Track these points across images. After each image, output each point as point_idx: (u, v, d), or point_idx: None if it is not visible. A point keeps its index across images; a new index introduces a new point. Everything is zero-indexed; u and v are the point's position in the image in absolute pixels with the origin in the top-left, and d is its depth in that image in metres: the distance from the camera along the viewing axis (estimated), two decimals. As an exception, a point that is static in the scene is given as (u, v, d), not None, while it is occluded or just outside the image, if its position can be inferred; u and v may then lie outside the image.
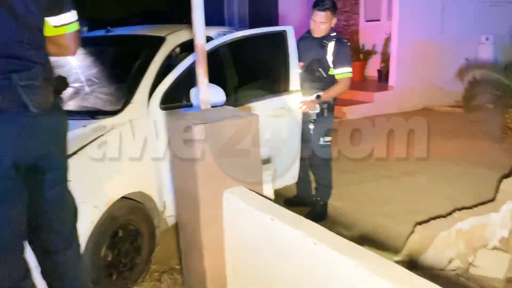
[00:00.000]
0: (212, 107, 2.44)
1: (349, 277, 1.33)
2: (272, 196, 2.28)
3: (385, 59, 9.29)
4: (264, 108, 3.37)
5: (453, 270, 2.91)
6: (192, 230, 2.04)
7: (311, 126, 3.62)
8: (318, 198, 3.87)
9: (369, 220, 3.81)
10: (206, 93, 2.20)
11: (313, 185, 4.03)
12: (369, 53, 9.99)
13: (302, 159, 3.87)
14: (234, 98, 3.27)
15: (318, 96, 3.49)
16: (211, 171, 1.92)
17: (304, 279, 1.53)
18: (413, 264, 2.91)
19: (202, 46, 2.19)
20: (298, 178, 4.03)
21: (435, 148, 6.05)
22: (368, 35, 10.47)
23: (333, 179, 3.93)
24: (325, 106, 3.56)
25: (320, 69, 3.52)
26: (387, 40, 9.33)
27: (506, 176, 3.50)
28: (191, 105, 2.86)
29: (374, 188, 4.60)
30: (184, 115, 2.09)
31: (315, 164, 3.81)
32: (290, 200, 4.12)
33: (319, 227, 1.55)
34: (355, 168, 5.25)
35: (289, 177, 3.78)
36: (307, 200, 4.02)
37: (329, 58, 3.47)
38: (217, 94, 2.68)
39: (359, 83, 10.05)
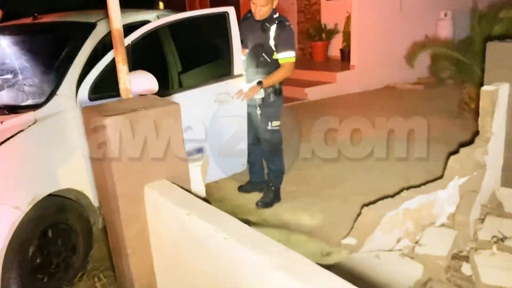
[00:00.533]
0: (141, 95, 2.31)
1: (257, 273, 1.26)
2: (202, 188, 2.19)
3: (347, 38, 9.23)
4: (206, 94, 3.26)
5: (400, 249, 2.91)
6: (115, 228, 1.93)
7: (258, 111, 3.53)
8: (270, 184, 3.81)
9: (321, 203, 3.79)
10: (126, 81, 2.07)
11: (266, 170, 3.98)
12: (331, 33, 9.91)
13: (253, 144, 3.80)
14: (173, 84, 3.14)
15: (259, 82, 3.39)
16: (129, 165, 1.81)
17: (219, 275, 1.46)
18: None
19: (118, 32, 2.05)
20: (251, 163, 3.96)
21: (393, 126, 6.08)
22: (330, 14, 10.37)
23: (285, 164, 3.87)
24: (270, 90, 3.47)
25: (263, 54, 3.42)
26: (348, 19, 9.27)
27: (453, 152, 3.50)
28: (125, 95, 2.71)
29: (329, 170, 4.57)
30: (99, 106, 1.96)
31: (265, 149, 3.74)
32: (243, 186, 4.05)
33: (234, 221, 1.47)
34: (311, 150, 5.21)
35: (237, 165, 3.70)
36: (260, 185, 3.96)
37: (272, 42, 3.37)
38: (147, 82, 2.55)
39: (322, 63, 10.01)
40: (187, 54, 3.49)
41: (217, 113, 3.33)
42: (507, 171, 3.68)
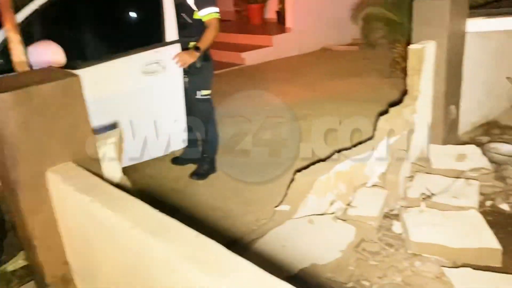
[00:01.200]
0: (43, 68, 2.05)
1: (164, 264, 1.14)
2: (117, 168, 2.01)
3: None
4: (130, 65, 3.00)
5: (333, 213, 2.92)
6: (19, 219, 1.73)
7: (185, 79, 3.33)
8: (204, 155, 3.68)
9: (257, 171, 3.72)
10: (20, 52, 1.81)
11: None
12: (266, -6, 9.68)
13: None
14: (88, 55, 2.86)
15: (197, 48, 3.17)
16: (25, 148, 1.59)
17: (130, 265, 1.32)
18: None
19: (4, -4, 1.77)
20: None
21: (328, 88, 6.10)
22: (265, -25, 10.09)
23: (218, 133, 3.74)
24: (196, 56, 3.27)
25: (183, 15, 3.18)
26: (283, -20, 9.05)
27: (383, 112, 3.53)
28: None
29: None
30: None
31: (197, 119, 3.57)
32: (177, 158, 3.89)
33: (143, 207, 1.33)
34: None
35: (176, 142, 3.49)
36: (195, 157, 3.81)
37: (191, 0, 3.14)
38: (52, 53, 2.28)
39: (258, 26, 9.79)
40: (107, 19, 3.18)
41: (146, 86, 3.08)
42: (435, 129, 3.78)
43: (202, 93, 3.40)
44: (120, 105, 3.00)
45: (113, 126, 2.64)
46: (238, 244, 2.63)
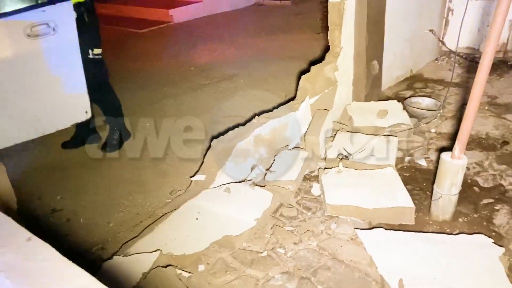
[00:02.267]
0: None
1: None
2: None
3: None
4: (9, 28, 2.61)
5: (251, 179, 2.80)
6: None
7: None
8: (111, 124, 3.37)
9: (175, 138, 3.50)
10: None
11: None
12: None
13: None
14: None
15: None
16: None
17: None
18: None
19: None
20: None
21: (258, 46, 5.89)
22: None
23: (117, 98, 3.41)
24: (81, 9, 2.91)
25: None
26: None
27: (304, 71, 3.39)
28: None
29: (189, 99, 4.26)
30: None
31: (90, 85, 3.21)
32: (67, 142, 3.50)
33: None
34: (172, 79, 4.82)
35: (78, 113, 3.14)
36: (84, 135, 3.47)
37: None
38: None
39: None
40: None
41: (33, 50, 2.71)
42: (357, 85, 3.71)
43: (95, 52, 3.06)
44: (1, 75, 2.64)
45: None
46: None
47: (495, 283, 1.82)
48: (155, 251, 2.12)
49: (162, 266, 2.05)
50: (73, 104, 3.09)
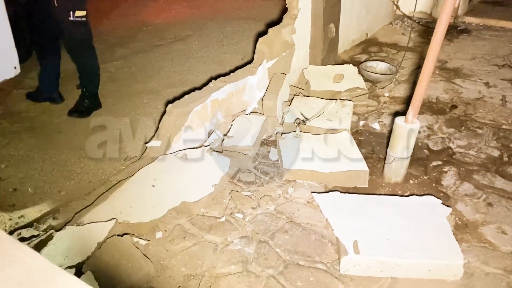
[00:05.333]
0: None
1: None
2: None
3: None
4: None
5: (208, 145, 2.76)
6: None
7: None
8: (84, 89, 3.19)
9: (129, 101, 3.37)
10: None
11: (70, 73, 3.30)
12: None
13: (47, 42, 3.04)
14: None
15: None
16: None
17: None
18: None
19: None
20: (42, 67, 3.24)
21: (213, 6, 5.69)
22: None
23: (98, 63, 3.23)
24: None
25: None
26: None
27: (262, 34, 3.32)
28: None
29: (141, 60, 4.09)
30: None
31: (70, 47, 3.01)
32: (32, 94, 3.35)
33: None
34: (122, 39, 4.58)
35: (5, 70, 2.92)
36: (51, 94, 3.30)
37: None
38: None
39: None
40: None
41: None
42: (314, 48, 3.69)
43: (77, 14, 2.84)
44: None
45: None
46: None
47: (443, 241, 1.92)
48: (110, 220, 2.06)
49: (118, 235, 2.00)
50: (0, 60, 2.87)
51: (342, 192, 2.35)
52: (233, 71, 3.17)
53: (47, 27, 3.00)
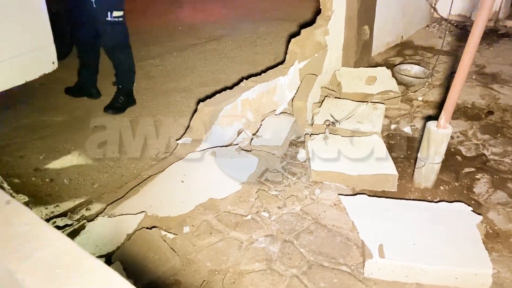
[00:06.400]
0: None
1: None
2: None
3: None
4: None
5: (237, 144, 2.79)
6: None
7: None
8: (120, 86, 3.30)
9: (163, 98, 3.45)
10: None
11: (107, 70, 3.40)
12: None
13: (87, 40, 3.17)
14: None
15: None
16: None
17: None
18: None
19: None
20: (82, 63, 3.38)
21: (247, 5, 5.73)
22: None
23: (134, 61, 3.33)
24: None
25: None
26: None
27: (294, 34, 3.33)
28: None
29: (176, 59, 4.17)
30: None
31: (107, 46, 3.13)
32: (71, 88, 3.49)
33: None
34: (158, 38, 4.69)
35: (44, 64, 3.06)
36: (89, 89, 3.43)
37: None
38: None
39: None
40: None
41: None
42: (347, 50, 3.66)
43: (114, 15, 2.95)
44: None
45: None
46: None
47: (472, 249, 1.88)
48: (140, 212, 2.13)
49: (147, 228, 2.06)
50: (38, 55, 3.02)
51: (369, 196, 2.33)
52: (264, 71, 3.20)
53: (87, 26, 3.11)
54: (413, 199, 2.33)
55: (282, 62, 3.31)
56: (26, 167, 2.68)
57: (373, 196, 2.34)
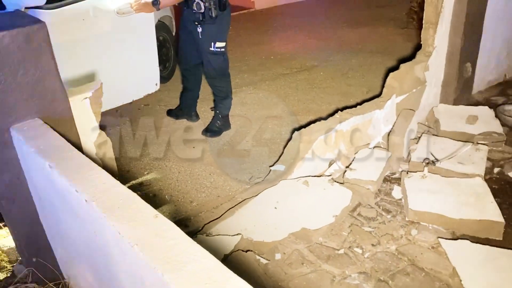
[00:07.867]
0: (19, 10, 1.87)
1: (117, 244, 1.02)
2: (94, 125, 1.86)
3: None
4: (105, 5, 2.79)
5: (330, 175, 2.79)
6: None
7: (199, 29, 3.09)
8: (217, 111, 3.49)
9: (259, 125, 3.55)
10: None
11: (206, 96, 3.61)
12: None
13: (191, 67, 3.41)
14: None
15: (155, 2, 2.92)
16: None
17: (89, 237, 1.22)
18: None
19: None
20: (185, 87, 3.62)
21: (338, 37, 5.77)
22: None
23: (231, 88, 3.51)
24: (210, 3, 2.99)
25: None
26: None
27: (393, 69, 3.29)
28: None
29: (268, 87, 4.29)
30: None
31: (208, 74, 3.34)
32: (173, 111, 3.72)
33: (104, 176, 1.19)
34: (252, 67, 4.87)
35: (149, 85, 3.38)
36: (189, 113, 3.64)
37: None
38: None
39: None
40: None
41: (119, 27, 2.90)
42: (446, 87, 3.54)
43: (217, 45, 3.16)
44: (93, 51, 2.86)
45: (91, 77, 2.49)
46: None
47: None
48: (236, 234, 2.19)
49: (243, 250, 2.11)
50: (144, 76, 3.32)
51: (472, 242, 2.20)
52: (359, 103, 3.18)
53: (192, 54, 3.33)
54: (521, 251, 2.16)
55: (375, 96, 3.28)
56: (131, 181, 2.90)
57: (476, 242, 2.20)
